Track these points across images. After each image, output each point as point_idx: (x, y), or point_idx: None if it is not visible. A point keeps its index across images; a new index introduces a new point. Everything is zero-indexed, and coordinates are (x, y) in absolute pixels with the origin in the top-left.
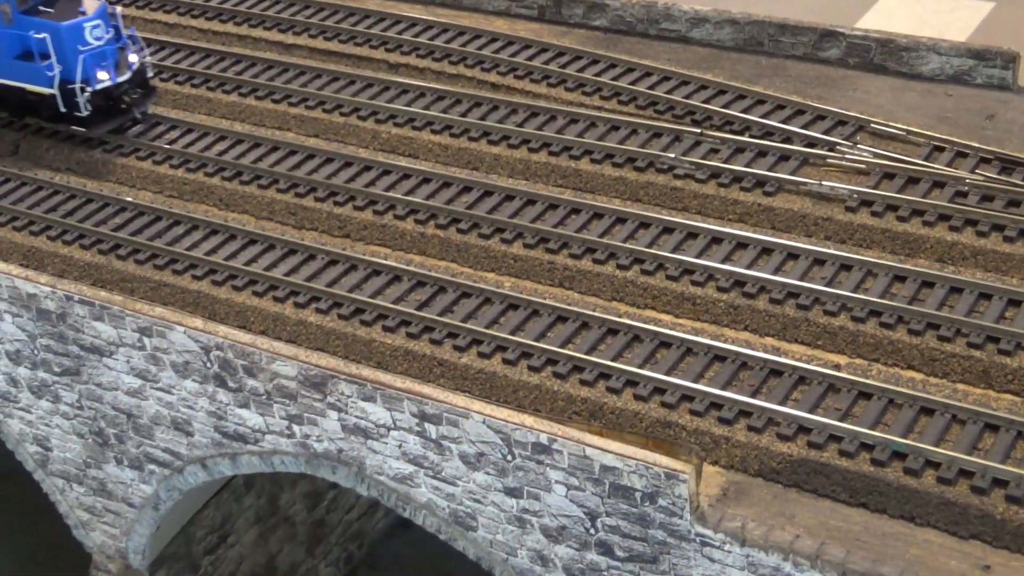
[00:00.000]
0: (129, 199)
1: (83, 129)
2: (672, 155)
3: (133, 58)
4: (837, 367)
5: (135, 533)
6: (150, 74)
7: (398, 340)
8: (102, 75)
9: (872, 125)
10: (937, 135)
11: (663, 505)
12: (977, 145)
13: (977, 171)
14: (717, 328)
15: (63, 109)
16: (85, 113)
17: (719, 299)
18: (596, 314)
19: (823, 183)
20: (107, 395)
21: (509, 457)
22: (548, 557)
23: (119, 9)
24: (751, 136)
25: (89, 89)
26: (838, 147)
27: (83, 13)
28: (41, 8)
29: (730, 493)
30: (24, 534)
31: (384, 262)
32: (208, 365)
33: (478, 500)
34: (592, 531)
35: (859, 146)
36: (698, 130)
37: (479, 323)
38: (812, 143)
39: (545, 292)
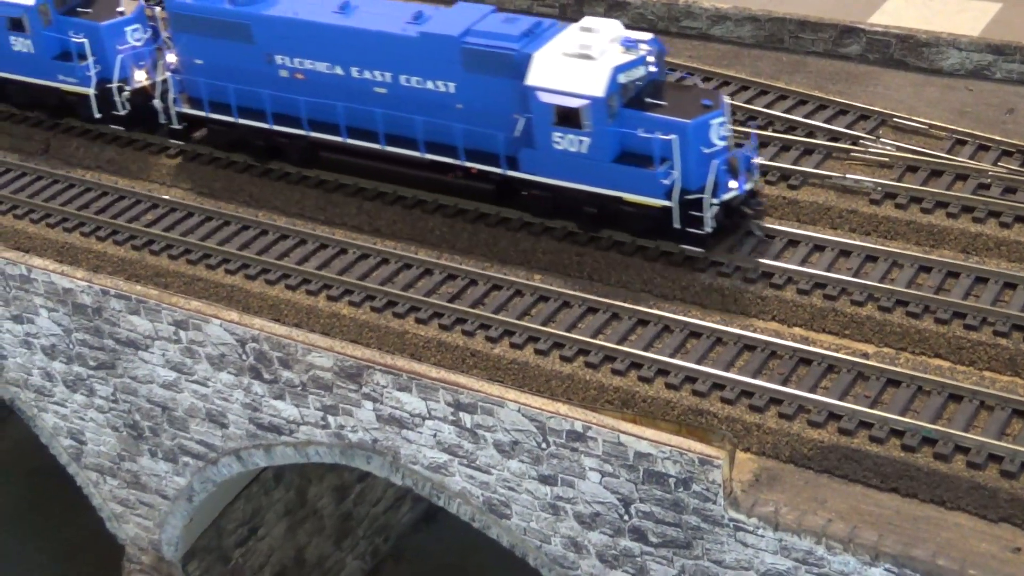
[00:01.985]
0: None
1: (700, 250)
2: None
3: (756, 161)
4: (865, 355)
5: (168, 525)
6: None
7: (431, 331)
8: (732, 184)
9: (894, 119)
10: (959, 129)
11: (697, 491)
12: (999, 138)
13: (999, 164)
14: (746, 318)
15: (677, 224)
16: (708, 230)
17: (747, 290)
18: (626, 305)
19: (847, 176)
20: (142, 388)
21: (544, 445)
22: (582, 544)
23: (727, 99)
24: (774, 131)
25: (716, 202)
26: (861, 141)
27: (708, 108)
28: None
29: (762, 479)
30: (57, 528)
31: (415, 256)
32: (244, 357)
33: (512, 488)
34: (626, 517)
35: (882, 140)
36: None
37: (511, 314)
38: (835, 137)
39: (575, 284)
